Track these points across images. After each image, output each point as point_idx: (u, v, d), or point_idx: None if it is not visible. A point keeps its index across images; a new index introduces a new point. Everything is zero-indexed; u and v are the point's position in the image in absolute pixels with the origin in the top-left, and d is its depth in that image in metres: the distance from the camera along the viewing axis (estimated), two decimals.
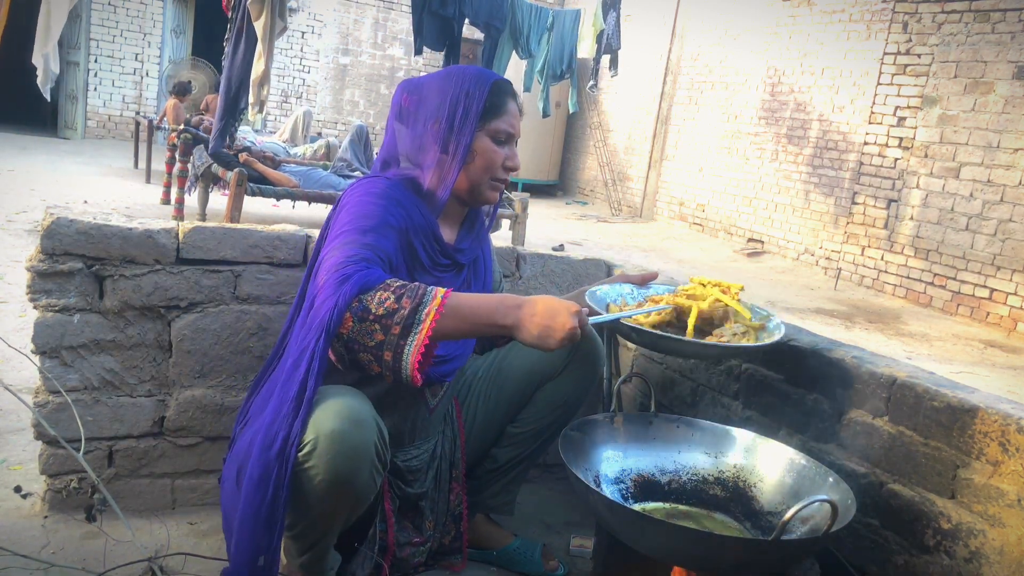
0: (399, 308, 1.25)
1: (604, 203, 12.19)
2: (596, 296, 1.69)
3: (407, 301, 1.25)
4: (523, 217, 6.37)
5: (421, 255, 1.52)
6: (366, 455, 1.29)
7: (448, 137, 1.51)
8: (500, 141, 1.54)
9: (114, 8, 11.57)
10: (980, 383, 4.52)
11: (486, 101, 1.51)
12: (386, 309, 1.25)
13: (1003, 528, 1.33)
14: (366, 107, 13.44)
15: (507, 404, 1.79)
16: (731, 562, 1.29)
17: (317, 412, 1.27)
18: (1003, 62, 6.56)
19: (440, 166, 1.52)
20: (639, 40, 11.38)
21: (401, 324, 1.24)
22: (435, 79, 1.56)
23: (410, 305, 1.25)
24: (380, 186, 1.49)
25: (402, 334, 1.24)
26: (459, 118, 1.50)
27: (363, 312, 1.25)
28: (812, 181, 8.55)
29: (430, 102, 1.53)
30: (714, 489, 1.63)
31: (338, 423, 1.26)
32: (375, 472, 1.32)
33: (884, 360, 1.62)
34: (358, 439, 1.27)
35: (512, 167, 1.57)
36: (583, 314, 1.33)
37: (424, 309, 1.25)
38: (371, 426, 1.29)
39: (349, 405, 1.28)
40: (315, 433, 1.26)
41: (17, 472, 1.96)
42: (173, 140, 6.78)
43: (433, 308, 1.26)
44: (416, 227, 1.50)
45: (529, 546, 1.85)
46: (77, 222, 1.67)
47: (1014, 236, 6.42)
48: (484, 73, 1.55)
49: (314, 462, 1.26)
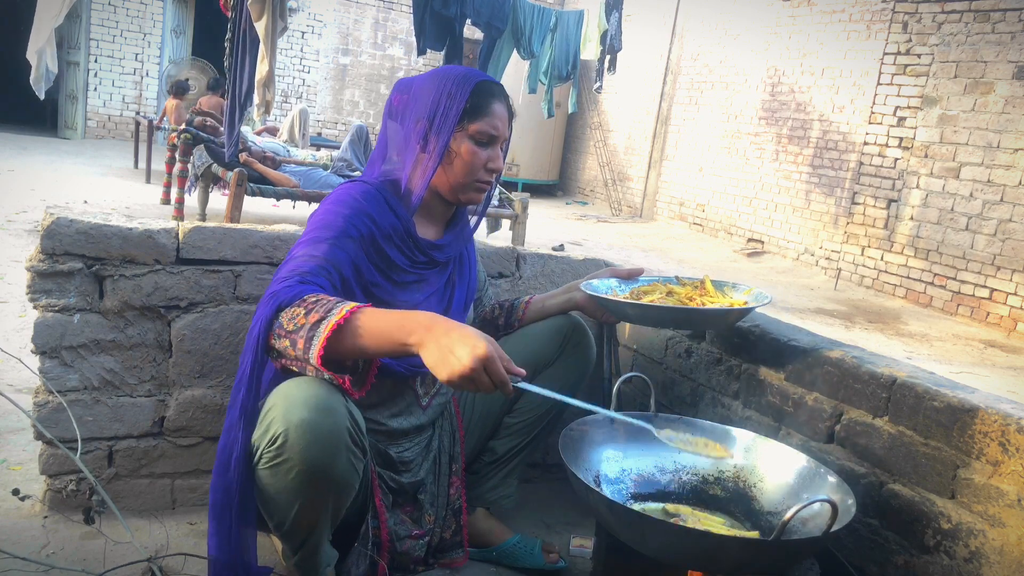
0: (305, 323, 1.24)
1: (604, 203, 12.19)
2: (590, 287, 1.80)
3: (313, 316, 1.24)
4: (523, 217, 6.37)
5: (396, 257, 1.53)
6: (340, 441, 1.27)
7: (427, 136, 1.53)
8: (481, 143, 1.55)
9: (114, 8, 11.57)
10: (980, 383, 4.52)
11: (467, 102, 1.52)
12: (295, 324, 1.25)
13: (1003, 528, 1.33)
14: (366, 107, 13.44)
15: (503, 396, 1.80)
16: (731, 562, 1.29)
17: (285, 404, 1.27)
18: (1003, 62, 6.56)
19: (419, 165, 1.54)
20: (639, 40, 11.38)
21: (304, 337, 1.23)
22: (424, 78, 1.58)
23: (315, 319, 1.24)
24: (352, 194, 1.51)
25: (305, 348, 1.23)
26: (439, 118, 1.52)
27: (279, 329, 1.26)
28: (812, 181, 8.55)
29: (417, 102, 1.55)
30: (714, 489, 1.63)
31: (307, 413, 1.25)
32: (353, 458, 1.31)
33: (884, 360, 1.62)
34: (329, 425, 1.26)
35: (494, 169, 1.57)
36: (499, 366, 1.23)
37: (325, 322, 1.22)
38: (341, 412, 1.28)
39: (316, 394, 1.27)
40: (284, 425, 1.25)
41: (17, 472, 1.96)
42: (173, 140, 6.78)
43: (334, 320, 1.22)
44: (386, 231, 1.51)
45: (528, 541, 1.86)
46: (77, 222, 1.67)
47: (1014, 236, 6.42)
48: (470, 74, 1.56)
49: (287, 455, 1.26)
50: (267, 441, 1.28)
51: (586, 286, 1.78)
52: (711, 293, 1.82)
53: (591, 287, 1.79)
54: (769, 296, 1.75)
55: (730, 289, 1.85)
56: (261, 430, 1.30)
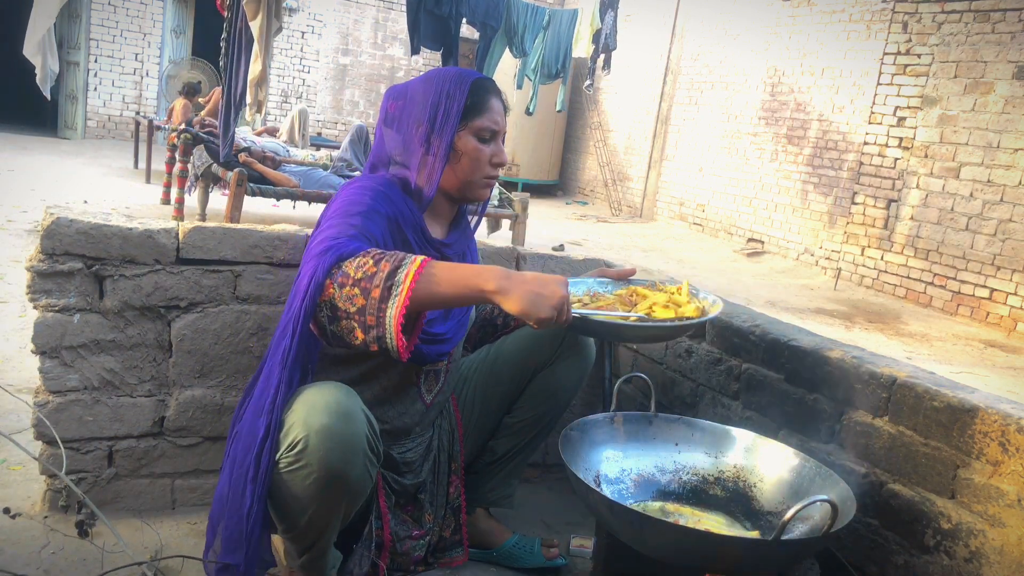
0: (377, 271, 1.23)
1: (604, 203, 12.19)
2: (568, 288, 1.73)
3: (386, 264, 1.24)
4: (523, 217, 6.37)
5: (413, 246, 1.54)
6: (359, 448, 1.29)
7: (430, 138, 1.53)
8: (484, 139, 1.57)
9: (114, 8, 11.57)
10: (980, 383, 4.52)
11: (466, 100, 1.53)
12: (364, 272, 1.24)
13: (1003, 528, 1.33)
14: (366, 107, 13.44)
15: (502, 395, 1.83)
16: (731, 562, 1.29)
17: (306, 409, 1.28)
18: (1003, 62, 6.56)
19: (425, 167, 1.55)
20: (639, 40, 11.38)
21: (380, 287, 1.22)
22: (417, 83, 1.59)
23: (389, 268, 1.24)
24: (370, 182, 1.52)
25: (382, 297, 1.22)
26: (440, 119, 1.53)
27: (343, 277, 1.24)
28: (812, 181, 8.55)
29: (414, 106, 1.56)
30: (714, 489, 1.63)
31: (327, 418, 1.26)
32: (369, 464, 1.32)
33: (884, 360, 1.62)
34: (349, 432, 1.28)
35: (499, 163, 1.60)
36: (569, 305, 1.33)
37: (403, 271, 1.23)
38: (360, 419, 1.30)
39: (337, 400, 1.29)
40: (305, 430, 1.26)
41: (17, 472, 1.96)
42: (173, 140, 6.78)
43: (413, 269, 1.24)
44: (406, 217, 1.52)
45: (527, 541, 1.87)
46: (77, 222, 1.67)
47: (1014, 236, 6.42)
48: (464, 73, 1.57)
49: (307, 460, 1.27)
50: (287, 446, 1.28)
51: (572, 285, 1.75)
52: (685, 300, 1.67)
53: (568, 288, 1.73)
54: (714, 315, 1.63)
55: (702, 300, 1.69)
56: (280, 433, 1.31)
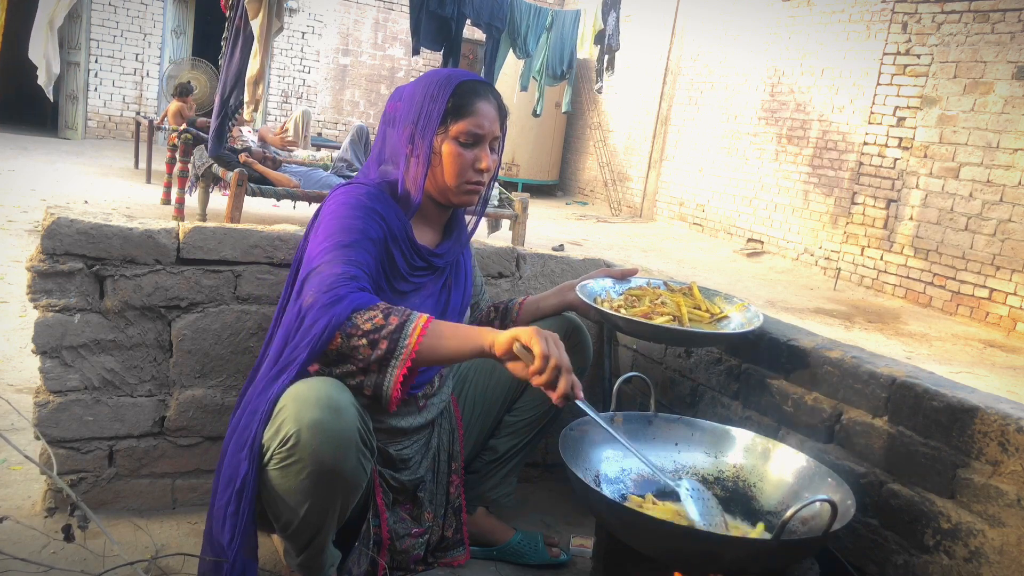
0: (386, 324, 1.29)
1: (604, 203, 12.19)
2: (586, 289, 1.79)
3: (394, 318, 1.30)
4: (523, 217, 6.37)
5: (399, 261, 1.54)
6: (351, 441, 1.29)
7: (414, 140, 1.53)
8: (466, 144, 1.53)
9: (114, 8, 11.57)
10: (980, 383, 4.53)
11: (448, 103, 1.51)
12: (374, 325, 1.29)
13: (1003, 528, 1.33)
14: (366, 107, 13.44)
15: (503, 394, 1.83)
16: (731, 562, 1.30)
17: (296, 405, 1.28)
18: (1003, 62, 6.56)
19: (410, 170, 1.54)
20: (639, 40, 11.38)
21: (388, 339, 1.29)
22: (413, 84, 1.58)
23: (397, 322, 1.30)
24: (357, 195, 1.51)
25: (389, 348, 1.29)
26: (422, 121, 1.52)
27: (351, 328, 1.30)
28: (812, 181, 8.55)
29: (407, 107, 1.55)
30: (714, 489, 1.63)
31: (318, 412, 1.26)
32: (362, 457, 1.32)
33: (884, 360, 1.63)
34: (340, 426, 1.27)
35: (482, 169, 1.55)
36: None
37: (410, 326, 1.30)
38: (352, 412, 1.30)
39: (328, 394, 1.28)
40: (296, 425, 1.26)
41: (17, 472, 1.96)
42: (173, 140, 6.78)
43: (419, 325, 1.30)
44: (394, 232, 1.52)
45: (530, 537, 1.87)
46: (77, 222, 1.67)
47: (1014, 236, 6.43)
48: (453, 75, 1.55)
49: (299, 455, 1.27)
50: (279, 441, 1.28)
51: (581, 288, 1.77)
52: (699, 301, 1.80)
53: (586, 289, 1.78)
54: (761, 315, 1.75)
55: (722, 300, 1.83)
56: (272, 430, 1.30)
